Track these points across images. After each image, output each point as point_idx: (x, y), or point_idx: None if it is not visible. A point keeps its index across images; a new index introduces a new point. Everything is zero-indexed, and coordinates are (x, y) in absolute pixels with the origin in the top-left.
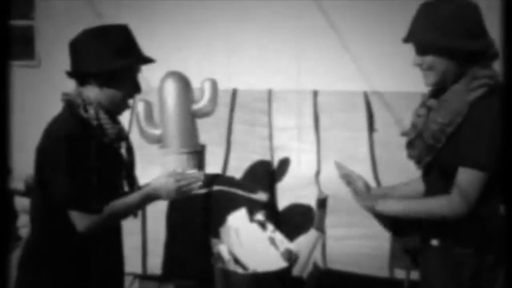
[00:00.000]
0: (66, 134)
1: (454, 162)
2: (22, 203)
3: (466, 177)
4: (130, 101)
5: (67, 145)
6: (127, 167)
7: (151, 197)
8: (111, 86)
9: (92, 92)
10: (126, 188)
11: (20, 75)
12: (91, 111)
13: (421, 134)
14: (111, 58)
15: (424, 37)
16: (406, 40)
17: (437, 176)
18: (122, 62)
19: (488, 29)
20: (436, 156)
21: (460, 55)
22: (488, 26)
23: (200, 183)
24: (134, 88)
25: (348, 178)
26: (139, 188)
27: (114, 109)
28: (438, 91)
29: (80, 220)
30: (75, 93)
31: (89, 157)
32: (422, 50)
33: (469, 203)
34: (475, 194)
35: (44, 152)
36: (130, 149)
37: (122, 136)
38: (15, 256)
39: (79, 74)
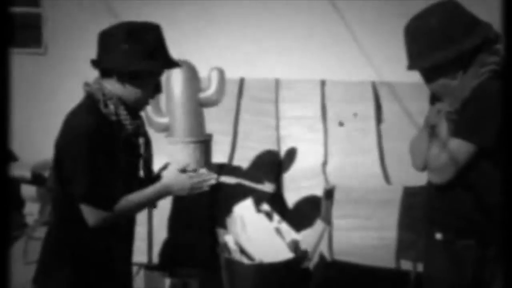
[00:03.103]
0: (87, 131)
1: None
2: (28, 191)
3: (455, 145)
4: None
5: (87, 141)
6: (144, 161)
7: (163, 193)
8: (133, 85)
9: (114, 86)
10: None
11: (27, 62)
12: (111, 106)
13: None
14: (139, 59)
15: (425, 63)
16: (411, 67)
17: None
18: (150, 65)
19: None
20: None
21: (464, 56)
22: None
23: (213, 181)
24: (156, 89)
25: None
26: (155, 180)
27: (133, 106)
28: None
29: (91, 216)
30: (97, 86)
31: (108, 154)
32: (429, 77)
33: (452, 168)
34: (461, 161)
35: (64, 147)
36: (148, 144)
37: (140, 131)
38: (21, 242)
39: (103, 67)
